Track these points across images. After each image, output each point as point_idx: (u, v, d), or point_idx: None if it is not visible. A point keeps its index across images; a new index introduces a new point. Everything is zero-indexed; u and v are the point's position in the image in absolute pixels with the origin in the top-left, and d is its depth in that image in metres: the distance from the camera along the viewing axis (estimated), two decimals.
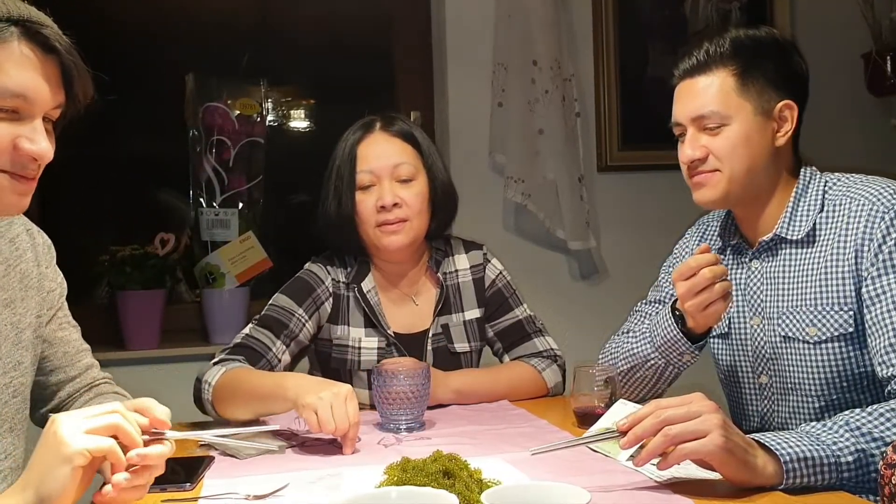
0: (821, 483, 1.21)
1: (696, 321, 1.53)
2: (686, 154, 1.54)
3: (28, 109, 1.12)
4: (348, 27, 3.12)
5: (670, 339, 1.58)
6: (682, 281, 1.49)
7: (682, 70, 1.55)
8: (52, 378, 1.42)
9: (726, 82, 1.50)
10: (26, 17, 1.11)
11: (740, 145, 1.50)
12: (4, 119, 1.10)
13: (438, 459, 1.18)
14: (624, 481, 1.25)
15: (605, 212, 3.05)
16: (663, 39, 3.06)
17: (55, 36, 1.13)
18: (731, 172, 1.51)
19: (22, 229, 1.38)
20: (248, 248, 2.78)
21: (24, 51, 1.10)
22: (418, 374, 1.59)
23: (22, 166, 1.12)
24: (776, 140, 1.52)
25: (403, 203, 1.80)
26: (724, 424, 1.18)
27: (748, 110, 1.50)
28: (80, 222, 2.94)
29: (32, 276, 1.36)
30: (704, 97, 1.52)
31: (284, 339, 1.77)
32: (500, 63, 2.88)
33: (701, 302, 1.48)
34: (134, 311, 2.69)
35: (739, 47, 1.51)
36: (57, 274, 1.43)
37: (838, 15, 3.15)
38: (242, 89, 2.85)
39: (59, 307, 1.43)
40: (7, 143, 1.10)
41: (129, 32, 2.96)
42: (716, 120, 1.51)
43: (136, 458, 1.05)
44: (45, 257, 1.40)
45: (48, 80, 1.12)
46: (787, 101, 1.51)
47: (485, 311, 1.94)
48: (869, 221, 1.44)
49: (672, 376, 1.66)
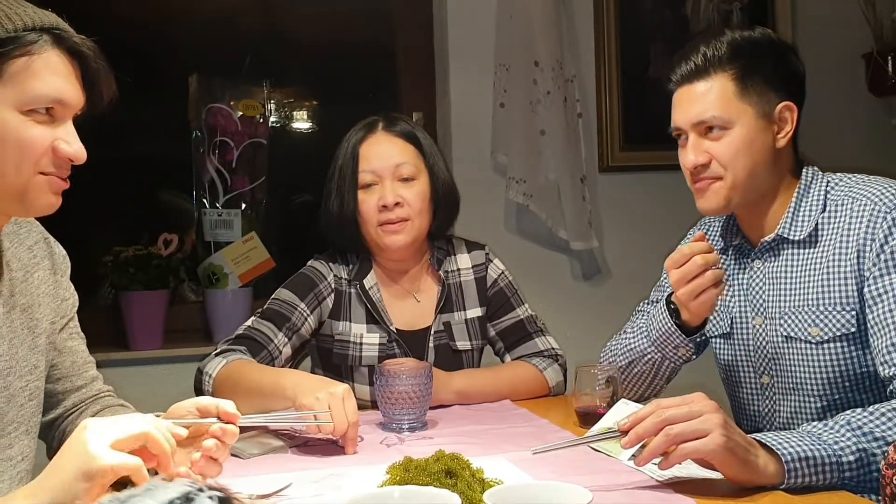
0: (822, 483, 1.22)
1: (689, 311, 1.53)
2: (689, 160, 1.53)
3: (62, 113, 1.19)
4: (350, 28, 3.13)
5: (665, 331, 1.59)
6: (675, 269, 1.50)
7: (680, 75, 1.54)
8: (59, 386, 1.44)
9: (726, 87, 1.49)
10: (55, 25, 1.18)
11: (743, 150, 1.49)
12: (43, 122, 1.17)
13: (441, 459, 1.18)
14: (626, 481, 1.25)
15: (607, 212, 3.05)
16: (665, 40, 3.06)
17: (81, 41, 1.20)
18: (734, 178, 1.50)
19: (40, 237, 1.41)
20: (252, 249, 2.79)
21: (56, 58, 1.17)
22: (421, 374, 1.60)
23: (59, 167, 1.19)
24: (777, 142, 1.51)
25: (405, 202, 1.81)
26: (725, 424, 1.19)
27: (750, 114, 1.49)
28: (83, 223, 2.95)
29: (48, 284, 1.39)
30: (705, 102, 1.50)
31: (286, 331, 1.78)
32: (501, 64, 2.88)
33: (693, 289, 1.49)
34: (137, 312, 2.70)
35: (737, 50, 1.50)
36: (70, 285, 1.47)
37: (839, 15, 3.15)
38: (245, 90, 2.86)
39: (71, 317, 1.46)
40: (47, 146, 1.17)
41: (133, 34, 2.97)
42: (717, 124, 1.49)
43: (219, 432, 1.17)
44: (61, 267, 1.44)
45: (76, 84, 1.20)
46: (786, 103, 1.51)
47: (486, 311, 1.95)
48: (871, 221, 1.44)
49: (668, 371, 1.66)
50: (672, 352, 1.61)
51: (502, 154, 2.91)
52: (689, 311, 1.53)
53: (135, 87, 2.72)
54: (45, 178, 1.18)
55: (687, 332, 1.57)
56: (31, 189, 1.18)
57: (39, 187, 1.18)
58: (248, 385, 1.60)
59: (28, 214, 1.28)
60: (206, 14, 3.06)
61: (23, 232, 1.37)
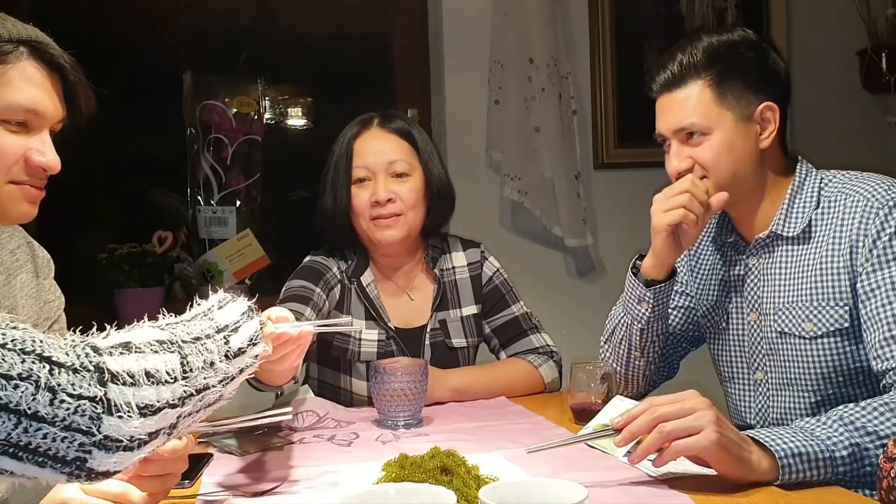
0: (816, 478, 1.22)
1: (657, 250, 1.56)
2: (672, 166, 1.56)
3: (37, 123, 1.20)
4: (346, 25, 3.12)
5: (629, 287, 1.62)
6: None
7: (659, 84, 1.55)
8: None
9: (704, 93, 1.50)
10: (33, 38, 1.18)
11: (724, 153, 1.50)
12: (16, 132, 1.18)
13: (436, 456, 1.19)
14: (621, 477, 1.26)
15: (602, 209, 3.06)
16: (660, 37, 3.07)
17: (59, 54, 1.20)
18: (717, 180, 1.51)
19: (23, 241, 1.42)
20: (247, 246, 2.78)
21: (33, 69, 1.18)
22: (416, 371, 1.60)
23: (32, 176, 1.20)
24: (760, 143, 1.52)
25: (398, 198, 1.82)
26: (718, 421, 1.19)
27: (729, 118, 1.50)
28: (78, 221, 2.94)
29: (31, 286, 1.39)
30: (683, 110, 1.51)
31: (313, 307, 1.78)
32: (496, 61, 2.88)
33: (669, 208, 1.52)
34: (132, 310, 2.68)
35: (713, 55, 1.51)
36: (55, 287, 1.47)
37: (834, 12, 3.15)
38: (240, 87, 2.85)
39: (55, 319, 1.46)
40: (19, 156, 1.18)
41: (127, 31, 2.96)
42: (697, 130, 1.51)
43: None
44: (44, 270, 1.44)
45: (54, 96, 1.21)
46: (767, 104, 1.51)
47: (482, 308, 1.95)
48: (864, 217, 1.44)
49: (639, 337, 1.65)
50: (636, 308, 1.62)
51: (497, 151, 2.91)
52: (657, 248, 1.56)
53: (129, 85, 2.74)
54: (18, 188, 1.19)
55: (647, 285, 1.60)
56: (4, 198, 1.19)
57: (12, 196, 1.19)
58: None
59: (3, 223, 1.29)
60: (201, 11, 3.05)
61: (4, 237, 1.38)
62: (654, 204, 1.57)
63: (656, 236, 1.57)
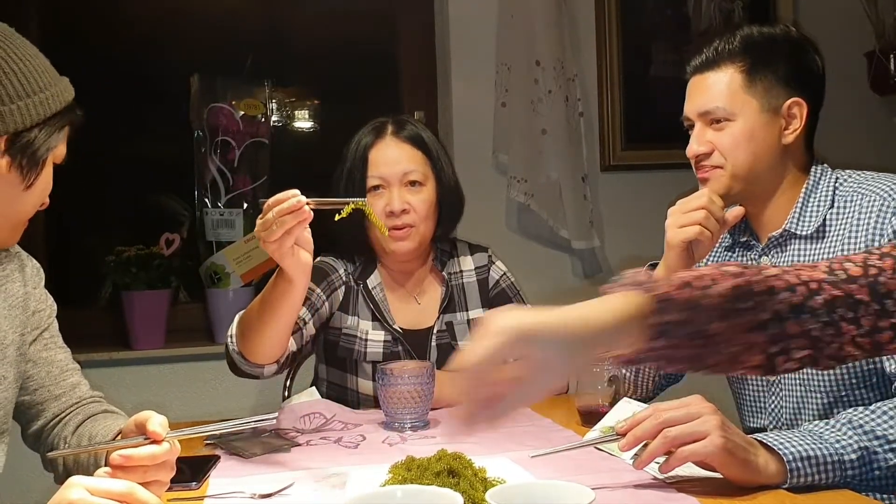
0: (824, 481, 1.22)
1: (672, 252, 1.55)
2: (692, 149, 1.56)
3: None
4: (352, 28, 3.12)
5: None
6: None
7: (693, 66, 1.58)
8: (37, 397, 1.45)
9: (733, 79, 1.51)
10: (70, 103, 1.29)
11: (744, 141, 1.51)
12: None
13: (443, 458, 1.19)
14: (628, 480, 1.25)
15: (609, 211, 3.05)
16: (666, 39, 3.06)
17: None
18: (734, 168, 1.52)
19: (11, 252, 1.43)
20: (253, 248, 2.79)
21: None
22: (422, 373, 1.61)
23: None
24: (784, 137, 1.52)
25: (412, 209, 1.83)
26: (723, 425, 1.19)
27: (753, 107, 1.51)
28: (85, 223, 2.95)
29: (17, 296, 1.40)
30: (711, 93, 1.53)
31: (309, 307, 1.79)
32: (503, 63, 2.88)
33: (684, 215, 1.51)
34: (139, 311, 2.70)
35: (749, 44, 1.52)
36: (46, 296, 1.48)
37: (841, 13, 3.14)
38: (247, 90, 2.86)
39: (45, 328, 1.47)
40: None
41: (134, 34, 2.97)
42: (721, 115, 1.52)
43: (120, 459, 1.05)
44: (33, 280, 1.45)
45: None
46: (795, 99, 1.51)
47: (488, 312, 1.95)
48: (880, 216, 1.44)
49: None
50: None
51: (503, 153, 2.91)
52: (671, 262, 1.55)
53: (137, 87, 2.75)
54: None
55: None
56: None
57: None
58: (256, 305, 1.63)
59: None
60: (208, 14, 3.06)
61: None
62: (670, 217, 1.56)
63: (670, 251, 1.56)
